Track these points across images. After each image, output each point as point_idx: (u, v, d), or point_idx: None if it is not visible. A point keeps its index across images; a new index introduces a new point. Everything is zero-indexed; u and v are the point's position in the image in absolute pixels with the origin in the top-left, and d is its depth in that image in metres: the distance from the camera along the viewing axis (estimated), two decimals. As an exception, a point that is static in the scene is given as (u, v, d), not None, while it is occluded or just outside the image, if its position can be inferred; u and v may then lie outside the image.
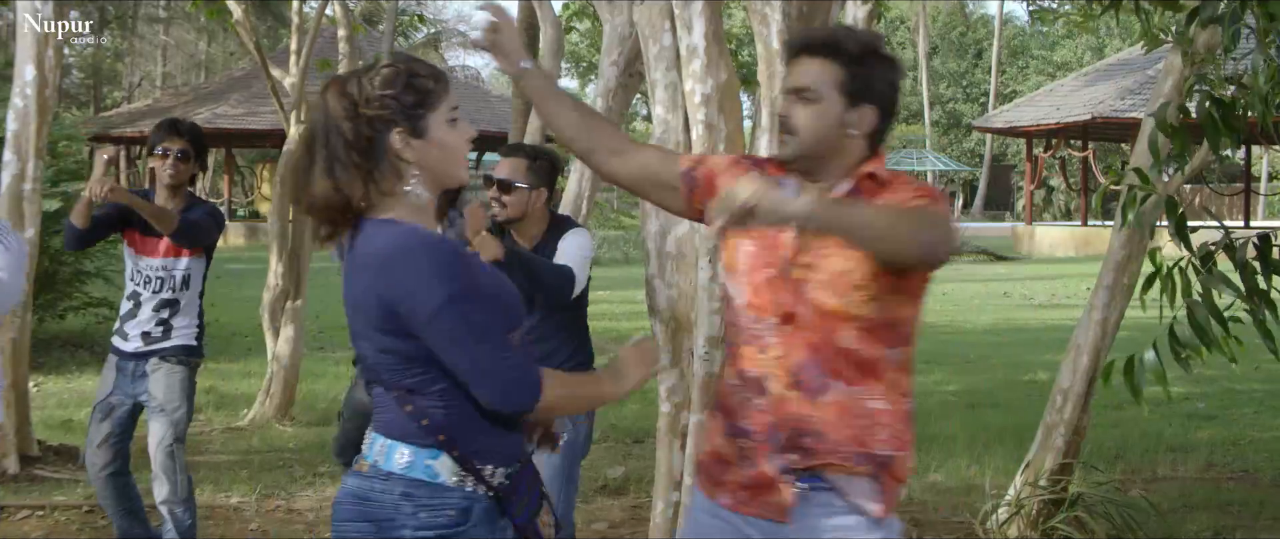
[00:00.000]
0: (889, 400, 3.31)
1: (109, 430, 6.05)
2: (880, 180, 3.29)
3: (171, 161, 5.98)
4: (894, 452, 3.31)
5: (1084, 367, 6.84)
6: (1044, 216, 50.31)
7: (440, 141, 3.06)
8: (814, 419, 3.27)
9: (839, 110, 3.27)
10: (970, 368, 13.52)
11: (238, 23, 10.74)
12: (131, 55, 53.61)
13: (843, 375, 3.26)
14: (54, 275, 13.51)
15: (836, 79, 3.26)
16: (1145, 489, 7.77)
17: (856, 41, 3.31)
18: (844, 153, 3.31)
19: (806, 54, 3.29)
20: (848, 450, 3.26)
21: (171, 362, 5.99)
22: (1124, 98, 32.12)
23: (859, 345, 3.26)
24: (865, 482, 3.28)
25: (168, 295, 6.02)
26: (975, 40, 66.46)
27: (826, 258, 3.23)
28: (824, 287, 3.23)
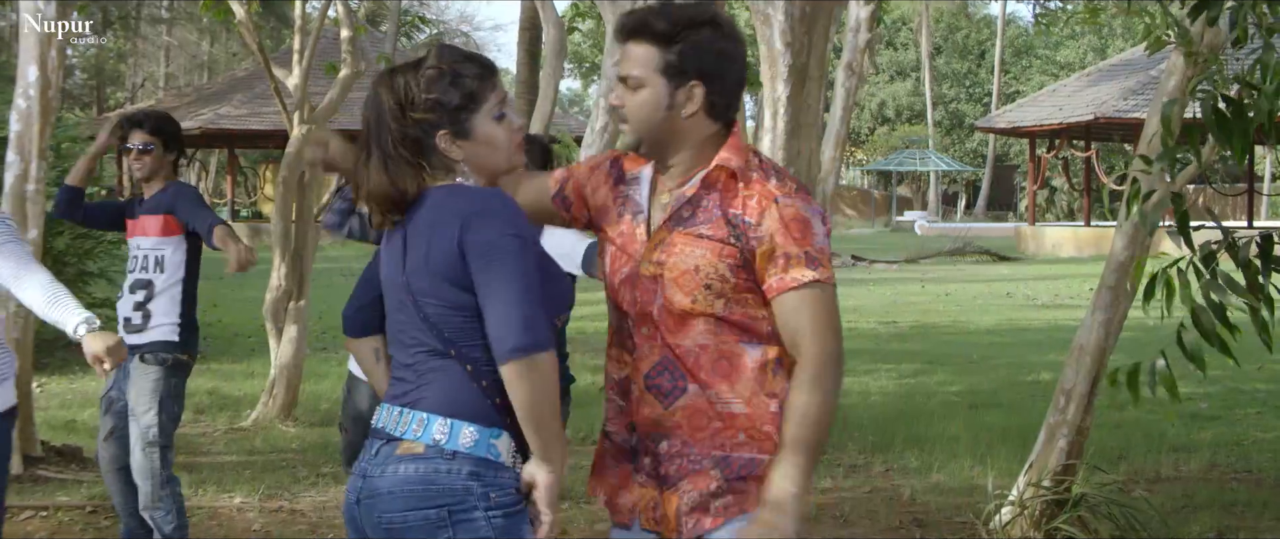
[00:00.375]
0: (752, 403, 3.19)
1: (113, 425, 6.09)
2: (738, 176, 3.18)
3: (136, 154, 6.03)
4: (758, 455, 3.18)
5: (1087, 367, 6.83)
6: (1047, 217, 50.31)
7: (487, 138, 3.12)
8: (666, 423, 3.21)
9: (664, 93, 3.17)
10: (973, 368, 13.51)
11: (241, 23, 10.75)
12: (134, 56, 53.67)
13: (698, 377, 3.18)
14: (58, 276, 13.46)
15: (655, 61, 3.16)
16: (1149, 489, 7.76)
17: (669, 18, 3.17)
18: (682, 134, 3.21)
19: (628, 39, 3.20)
20: (701, 456, 3.18)
21: (148, 361, 5.95)
22: (1127, 98, 32.14)
23: (711, 341, 3.17)
24: (723, 485, 3.18)
25: (142, 275, 6.01)
26: (978, 41, 66.42)
27: (677, 255, 3.17)
28: (674, 284, 3.17)
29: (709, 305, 3.15)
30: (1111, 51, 52.86)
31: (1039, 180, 38.36)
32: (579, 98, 77.75)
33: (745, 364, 3.18)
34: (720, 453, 3.18)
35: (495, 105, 3.12)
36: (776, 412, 3.18)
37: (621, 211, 3.31)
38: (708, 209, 3.18)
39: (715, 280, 3.14)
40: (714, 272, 3.14)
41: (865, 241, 41.39)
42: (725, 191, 3.18)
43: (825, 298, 3.14)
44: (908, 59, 66.42)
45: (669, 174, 3.26)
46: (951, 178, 64.45)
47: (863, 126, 64.65)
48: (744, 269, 3.15)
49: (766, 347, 3.20)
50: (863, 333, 16.48)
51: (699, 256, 3.15)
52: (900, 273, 28.70)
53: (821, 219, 3.20)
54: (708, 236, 3.15)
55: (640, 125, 3.21)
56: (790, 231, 3.12)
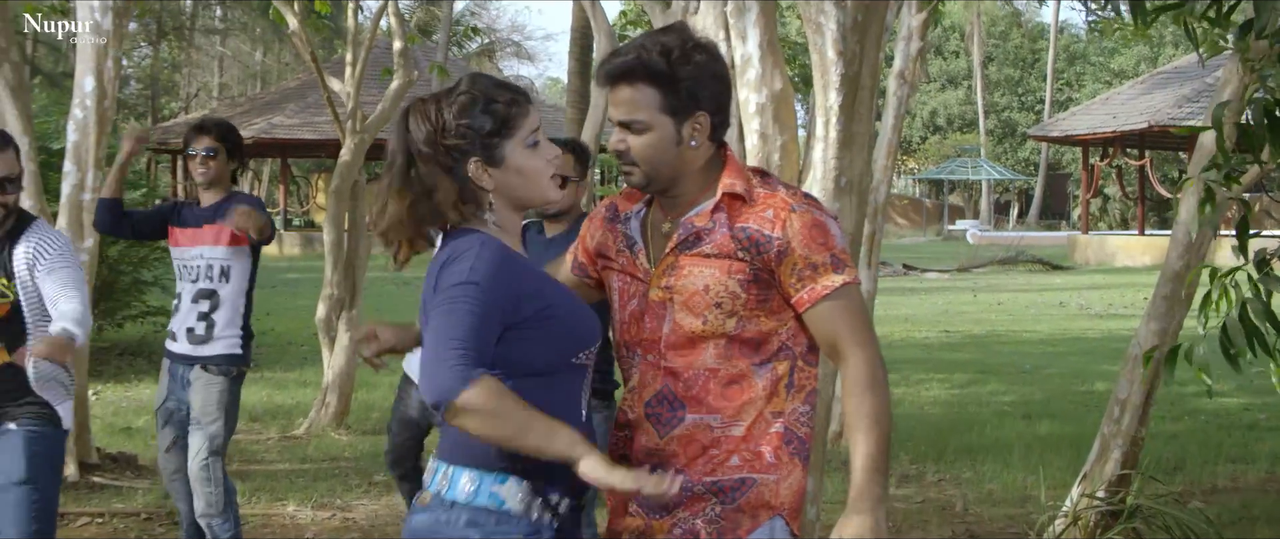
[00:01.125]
0: (752, 427, 3.17)
1: (174, 435, 6.16)
2: (745, 199, 3.18)
3: (200, 160, 6.06)
4: (749, 475, 3.16)
5: (1142, 377, 6.78)
6: (1100, 225, 49.93)
7: (520, 167, 3.04)
8: (662, 453, 3.20)
9: (670, 131, 3.16)
10: (1026, 378, 13.43)
11: (293, 33, 10.81)
12: (189, 66, 54.08)
13: (702, 403, 3.17)
14: (113, 284, 13.64)
15: (658, 102, 3.14)
16: (1205, 501, 7.69)
17: (664, 55, 3.14)
18: (689, 164, 3.20)
19: (622, 82, 3.16)
20: (694, 482, 3.16)
21: (212, 372, 6.03)
22: (1181, 106, 31.87)
23: (721, 364, 3.17)
24: (714, 508, 3.16)
25: (206, 285, 6.05)
26: (1030, 48, 66.06)
27: (685, 277, 3.17)
28: (684, 307, 3.17)
29: (720, 325, 3.15)
30: (1164, 59, 52.44)
31: (1093, 189, 38.07)
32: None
33: (754, 386, 3.18)
34: (712, 478, 3.16)
35: (530, 133, 3.05)
36: (779, 431, 3.18)
37: (619, 247, 3.32)
38: (714, 230, 3.18)
39: (726, 298, 3.14)
40: (724, 289, 3.14)
41: (917, 250, 41.23)
42: (731, 211, 3.18)
43: (857, 299, 3.18)
44: (959, 67, 66.10)
45: (671, 202, 3.26)
46: (1004, 186, 64.08)
47: (914, 135, 64.38)
48: (755, 284, 3.15)
49: (775, 365, 3.20)
50: (915, 342, 16.41)
51: (708, 276, 3.15)
52: (952, 282, 28.57)
53: (835, 222, 3.22)
54: (714, 255, 3.15)
55: (651, 168, 3.19)
56: (812, 238, 3.13)
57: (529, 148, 3.05)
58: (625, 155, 3.19)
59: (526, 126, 3.04)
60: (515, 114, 3.03)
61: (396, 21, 11.49)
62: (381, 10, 11.70)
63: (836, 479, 7.51)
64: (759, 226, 3.14)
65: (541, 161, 3.06)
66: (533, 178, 3.06)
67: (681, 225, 3.21)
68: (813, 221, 3.14)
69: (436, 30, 33.71)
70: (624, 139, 3.18)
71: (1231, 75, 6.50)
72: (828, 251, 3.13)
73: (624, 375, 3.33)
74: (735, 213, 3.17)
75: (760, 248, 3.13)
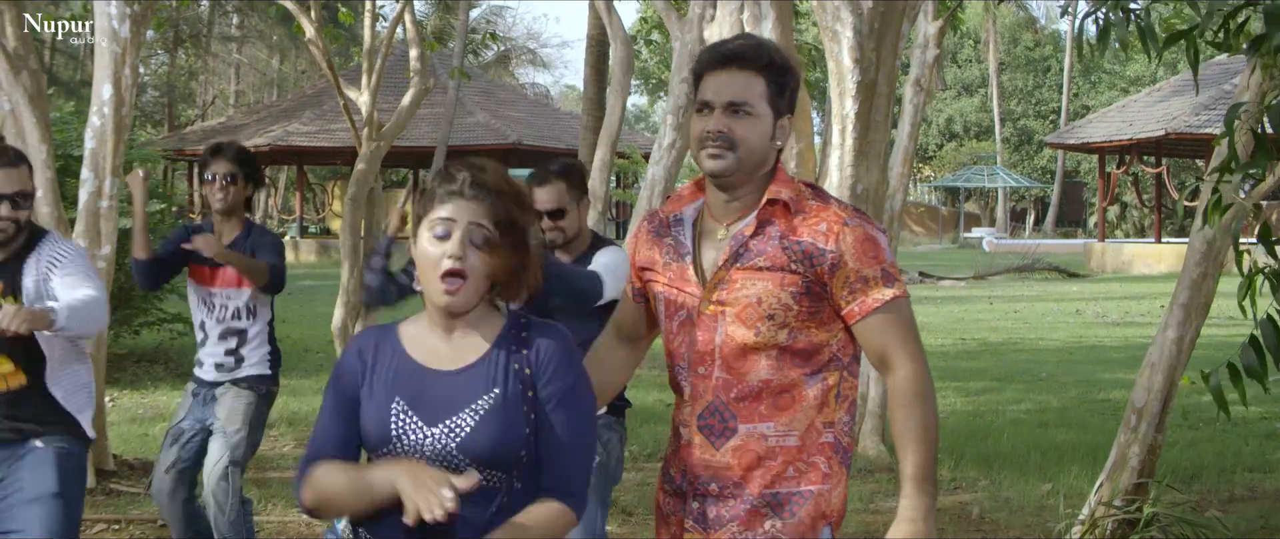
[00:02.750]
0: (805, 436, 3.23)
1: (176, 456, 6.08)
2: (792, 207, 3.23)
3: (220, 186, 6.02)
4: (807, 487, 3.22)
5: (1159, 385, 6.76)
6: (1117, 233, 49.83)
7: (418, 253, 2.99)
8: (716, 465, 3.24)
9: (769, 125, 3.24)
10: (1043, 386, 13.39)
11: (311, 41, 10.84)
12: (205, 73, 54.23)
13: (754, 414, 3.22)
14: (130, 292, 13.65)
15: (763, 92, 3.23)
16: (1222, 510, 7.66)
17: (779, 53, 3.27)
18: (765, 164, 3.27)
19: (736, 67, 3.22)
20: (752, 495, 3.21)
21: (241, 386, 6.05)
22: (1198, 113, 31.79)
23: (774, 374, 3.21)
24: (774, 523, 3.20)
25: (233, 324, 6.06)
26: (1043, 56, 65.94)
27: (738, 290, 3.21)
28: (736, 320, 3.20)
29: (772, 337, 3.19)
30: (1182, 67, 52.32)
31: (1109, 196, 38.01)
32: (644, 114, 77.87)
33: (805, 396, 3.23)
34: (770, 491, 3.21)
35: (437, 220, 2.95)
36: (830, 441, 3.25)
37: (668, 259, 3.34)
38: (765, 242, 3.22)
39: (778, 310, 3.19)
40: (776, 301, 3.18)
41: (932, 258, 41.16)
42: (782, 223, 3.22)
43: (906, 312, 3.24)
44: (974, 75, 66.03)
45: (727, 209, 3.29)
46: (1020, 194, 63.96)
47: (930, 143, 64.32)
48: (807, 296, 3.19)
49: (826, 375, 3.25)
50: (931, 350, 16.32)
51: (761, 289, 3.19)
52: (968, 290, 28.52)
53: (884, 235, 3.27)
54: (766, 268, 3.19)
55: (747, 154, 3.22)
56: (864, 252, 3.18)
57: (434, 236, 2.95)
58: (724, 136, 3.20)
59: (437, 212, 2.95)
60: (435, 198, 2.97)
61: (413, 30, 11.51)
62: (398, 18, 11.72)
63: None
64: (813, 239, 3.19)
65: (436, 253, 2.93)
66: (423, 266, 2.98)
67: (732, 238, 3.24)
68: (865, 235, 3.20)
69: (453, 38, 33.79)
70: (726, 121, 3.20)
71: (1250, 82, 6.48)
72: (879, 265, 3.20)
73: (674, 387, 3.36)
74: (787, 225, 3.22)
75: (814, 260, 3.18)
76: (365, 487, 2.94)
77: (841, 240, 3.17)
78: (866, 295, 3.18)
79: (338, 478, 2.99)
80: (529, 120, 37.60)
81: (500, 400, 2.98)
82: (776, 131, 3.25)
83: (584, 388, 3.06)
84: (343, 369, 3.09)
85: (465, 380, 3.00)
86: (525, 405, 2.99)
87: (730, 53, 3.22)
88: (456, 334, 3.04)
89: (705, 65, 3.25)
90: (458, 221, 2.93)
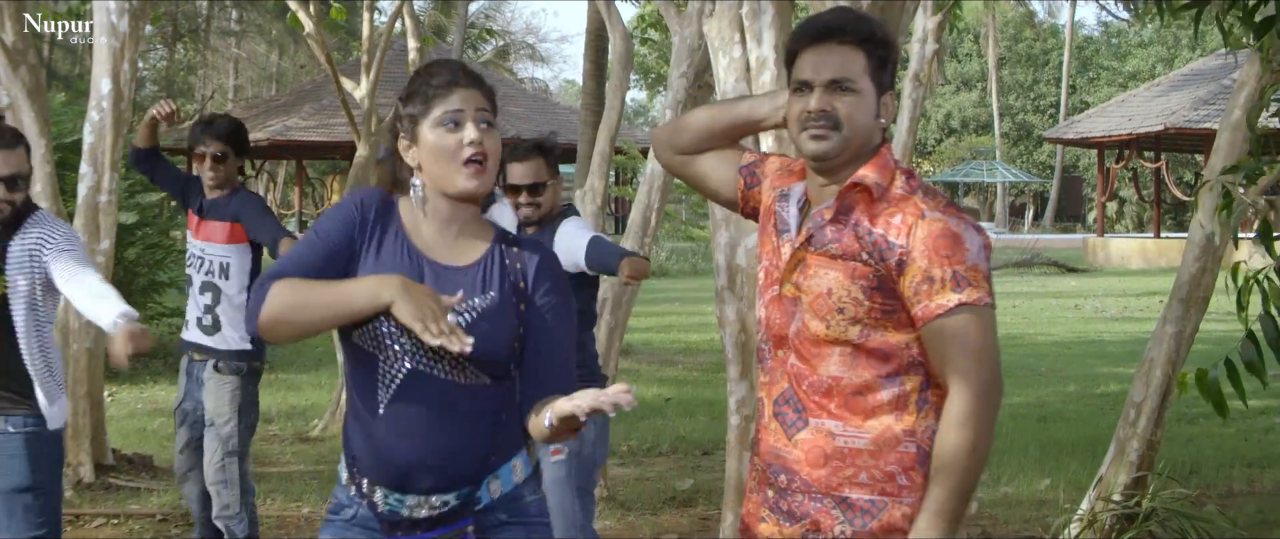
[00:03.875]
0: (880, 441, 3.00)
1: (188, 436, 6.18)
2: (875, 193, 3.02)
3: (210, 164, 6.04)
4: (880, 497, 3.00)
5: (1157, 380, 6.76)
6: (1116, 228, 49.81)
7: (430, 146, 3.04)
8: (786, 455, 3.07)
9: (873, 102, 3.04)
10: (1042, 381, 13.40)
11: (309, 36, 10.83)
12: (204, 68, 54.16)
13: (824, 409, 3.02)
14: (129, 286, 13.66)
15: (865, 66, 3.01)
16: (1221, 505, 7.66)
17: (879, 26, 3.08)
18: (869, 143, 3.06)
19: (835, 41, 3.01)
20: (821, 494, 3.03)
21: (223, 370, 6.03)
22: (1197, 108, 31.77)
23: (846, 372, 3.01)
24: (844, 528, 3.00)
25: (208, 279, 6.05)
26: (1043, 51, 65.90)
27: (812, 277, 3.03)
28: (810, 309, 3.02)
29: (843, 332, 3.00)
30: (1179, 62, 52.32)
31: (1108, 192, 38.00)
32: (644, 109, 77.76)
33: (879, 399, 3.01)
34: (839, 493, 3.01)
35: (445, 113, 3.02)
36: (912, 451, 3.01)
37: (775, 227, 3.17)
38: (842, 228, 3.02)
39: (848, 304, 2.99)
40: (847, 295, 2.99)
41: (931, 253, 41.08)
42: (863, 208, 3.02)
43: (976, 322, 2.97)
44: (973, 70, 65.99)
45: (823, 194, 3.09)
46: (1019, 189, 63.95)
47: (929, 137, 64.28)
48: (880, 291, 2.98)
49: (905, 378, 3.03)
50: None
51: (832, 279, 3.00)
52: (967, 284, 28.48)
53: (976, 233, 3.00)
54: (840, 256, 3.00)
55: (852, 133, 3.01)
56: (938, 250, 2.94)
57: (444, 128, 3.02)
58: (828, 115, 3.00)
59: (444, 106, 3.02)
60: (435, 94, 3.03)
61: (412, 24, 11.50)
62: (397, 13, 11.72)
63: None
64: (885, 232, 2.97)
65: (451, 143, 3.01)
66: (439, 159, 3.02)
67: (812, 219, 3.07)
68: (944, 231, 2.95)
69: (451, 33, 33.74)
70: (829, 99, 3.00)
71: (1249, 76, 6.48)
72: (951, 266, 2.94)
73: (759, 360, 3.22)
74: (868, 211, 3.01)
75: (883, 255, 2.96)
76: (342, 297, 2.94)
77: (913, 235, 2.95)
78: (930, 299, 2.94)
79: (303, 287, 2.96)
80: (528, 115, 37.54)
81: (496, 303, 3.05)
82: (881, 108, 3.05)
83: (571, 301, 3.19)
84: (341, 215, 3.07)
85: (466, 278, 3.06)
86: (515, 315, 3.06)
87: (828, 26, 3.02)
88: (454, 230, 3.10)
89: (801, 41, 3.05)
90: (466, 109, 3.02)
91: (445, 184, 3.04)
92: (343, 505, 3.13)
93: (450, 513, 3.05)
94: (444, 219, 3.08)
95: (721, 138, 3.32)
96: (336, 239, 3.03)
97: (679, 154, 3.35)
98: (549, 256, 3.18)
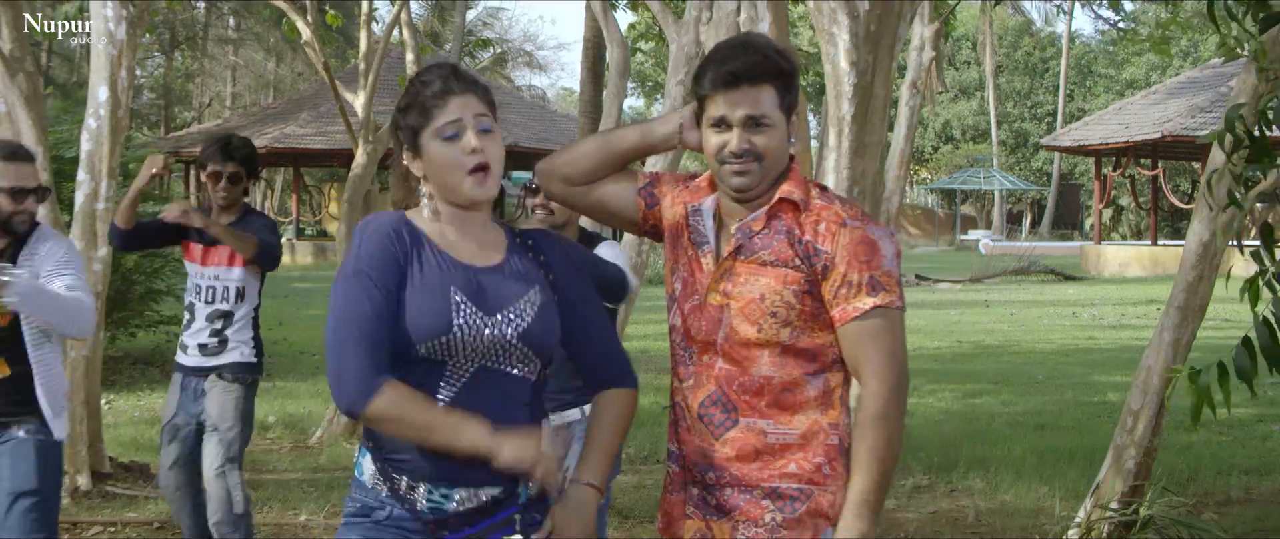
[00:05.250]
0: (807, 435, 3.19)
1: (178, 453, 6.14)
2: (801, 206, 3.20)
3: (224, 184, 6.09)
4: (808, 486, 3.18)
5: (1154, 388, 6.77)
6: (1113, 236, 49.86)
7: (433, 158, 3.06)
8: (714, 455, 3.22)
9: (784, 130, 3.19)
10: (1039, 388, 13.40)
11: (307, 43, 10.84)
12: (201, 76, 54.21)
13: (754, 408, 3.19)
14: (125, 294, 13.67)
15: (777, 101, 3.17)
16: (1218, 513, 7.67)
17: (780, 54, 3.20)
18: (783, 166, 3.23)
19: (750, 82, 3.13)
20: (750, 487, 3.20)
21: (227, 379, 6.04)
22: (1194, 116, 31.82)
23: (776, 372, 3.18)
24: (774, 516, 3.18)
25: (222, 306, 6.07)
26: (1041, 59, 65.99)
27: (742, 284, 3.19)
28: (740, 314, 3.18)
29: (774, 334, 3.17)
30: (1171, 72, 52.38)
31: (1105, 199, 38.02)
32: (642, 116, 77.99)
33: (807, 395, 3.19)
34: (770, 484, 3.18)
35: (445, 123, 3.03)
36: (835, 443, 3.20)
37: (691, 241, 3.32)
38: (771, 236, 3.19)
39: (780, 307, 3.16)
40: (779, 299, 3.16)
41: (929, 261, 41.17)
42: (789, 218, 3.19)
43: (887, 325, 3.15)
44: (972, 78, 66.07)
45: (739, 209, 3.25)
46: (1016, 197, 64.00)
47: (927, 145, 64.36)
48: (810, 295, 3.16)
49: (829, 375, 3.22)
50: (927, 353, 16.38)
51: (764, 285, 3.17)
52: (964, 292, 28.54)
53: (890, 241, 3.19)
54: (771, 263, 3.17)
55: (772, 164, 3.18)
56: (857, 255, 3.12)
57: (444, 140, 3.04)
58: (750, 153, 3.15)
59: (443, 117, 3.03)
60: (432, 104, 3.04)
61: (409, 33, 11.51)
62: (394, 21, 11.73)
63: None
64: (813, 238, 3.15)
65: (454, 154, 3.03)
66: (444, 170, 3.05)
67: (739, 229, 3.22)
68: (862, 238, 3.14)
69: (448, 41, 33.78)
70: (749, 138, 3.15)
71: (1245, 84, 6.49)
72: (869, 271, 3.13)
73: (673, 366, 3.34)
74: (795, 221, 3.18)
75: (812, 261, 3.14)
76: (451, 433, 2.94)
77: (836, 242, 3.13)
78: (848, 303, 3.13)
79: (419, 409, 2.94)
80: (525, 123, 37.58)
81: (540, 296, 3.12)
82: (791, 131, 3.21)
83: (588, 278, 3.29)
84: (384, 255, 3.01)
85: (506, 276, 3.11)
86: (553, 302, 3.14)
87: (743, 70, 3.14)
88: (474, 233, 3.13)
89: (715, 85, 3.17)
90: (464, 118, 3.04)
91: (453, 194, 3.07)
92: (371, 507, 3.07)
93: (492, 503, 3.05)
94: (461, 224, 3.12)
95: (617, 164, 3.44)
96: (392, 281, 3.01)
97: (573, 185, 3.45)
98: (558, 240, 3.27)
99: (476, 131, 3.04)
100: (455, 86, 3.05)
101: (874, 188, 5.42)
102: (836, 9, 5.37)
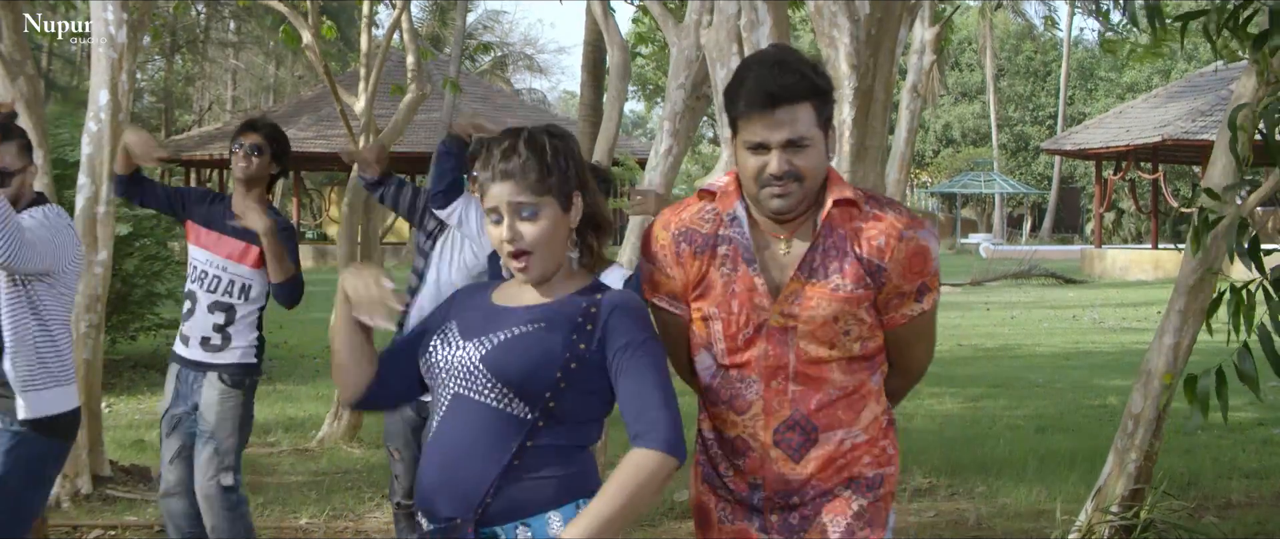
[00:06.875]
0: (870, 427, 3.27)
1: (179, 444, 5.98)
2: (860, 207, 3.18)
3: (243, 154, 5.92)
4: (883, 470, 3.29)
5: (1155, 391, 6.77)
6: (1114, 239, 49.85)
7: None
8: (798, 477, 3.22)
9: (823, 145, 3.13)
10: (1040, 392, 13.40)
11: (307, 47, 10.84)
12: (202, 79, 54.26)
13: (832, 421, 3.21)
14: (126, 297, 13.67)
15: (814, 118, 3.09)
16: (1219, 516, 7.66)
17: (816, 71, 3.12)
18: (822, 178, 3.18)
19: (789, 103, 3.04)
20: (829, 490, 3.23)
21: (226, 383, 5.89)
22: (1194, 119, 31.83)
23: (847, 379, 3.22)
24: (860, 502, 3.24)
25: (223, 299, 5.90)
26: (1043, 62, 65.99)
27: (810, 308, 3.14)
28: (810, 337, 3.16)
29: (847, 350, 3.21)
30: (1177, 73, 52.38)
31: (1106, 203, 38.01)
32: (642, 120, 77.87)
33: (869, 390, 3.27)
34: (854, 479, 3.25)
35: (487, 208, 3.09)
36: (886, 424, 3.32)
37: (724, 269, 3.21)
38: (837, 255, 3.16)
39: (853, 325, 3.19)
40: (853, 318, 3.18)
41: (929, 264, 41.09)
42: (847, 228, 3.17)
43: (927, 322, 3.31)
44: (972, 81, 66.06)
45: (778, 224, 3.19)
46: (1016, 200, 63.99)
47: (927, 149, 64.34)
48: (874, 307, 3.21)
49: (881, 365, 3.32)
50: (927, 356, 16.35)
51: (837, 308, 3.16)
52: (965, 295, 28.52)
53: (934, 239, 3.24)
54: (842, 285, 3.15)
55: (813, 184, 3.12)
56: (911, 268, 3.18)
57: (491, 223, 3.09)
58: (791, 175, 3.08)
59: (487, 201, 3.07)
60: (483, 185, 3.06)
61: (409, 36, 11.52)
62: (394, 25, 11.73)
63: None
64: (872, 255, 3.16)
65: (496, 237, 3.08)
66: (494, 245, 3.10)
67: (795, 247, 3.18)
68: (917, 249, 3.17)
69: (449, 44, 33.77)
70: (789, 160, 3.07)
71: (1245, 88, 6.48)
72: (921, 279, 3.21)
73: (718, 401, 3.26)
74: (852, 231, 3.16)
75: (877, 277, 3.17)
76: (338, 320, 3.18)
77: (894, 256, 3.15)
78: (898, 310, 3.23)
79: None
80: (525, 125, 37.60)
81: (541, 332, 3.03)
82: (827, 147, 3.16)
83: (655, 342, 3.08)
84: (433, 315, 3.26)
85: (517, 312, 3.11)
86: (567, 350, 3.01)
87: (781, 92, 3.04)
88: (542, 289, 3.14)
89: (750, 108, 3.07)
90: (500, 207, 3.04)
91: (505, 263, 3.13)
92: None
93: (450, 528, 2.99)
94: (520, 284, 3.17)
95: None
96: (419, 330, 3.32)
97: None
98: (631, 302, 3.11)
99: (515, 218, 3.04)
100: (498, 174, 3.05)
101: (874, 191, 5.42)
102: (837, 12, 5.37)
